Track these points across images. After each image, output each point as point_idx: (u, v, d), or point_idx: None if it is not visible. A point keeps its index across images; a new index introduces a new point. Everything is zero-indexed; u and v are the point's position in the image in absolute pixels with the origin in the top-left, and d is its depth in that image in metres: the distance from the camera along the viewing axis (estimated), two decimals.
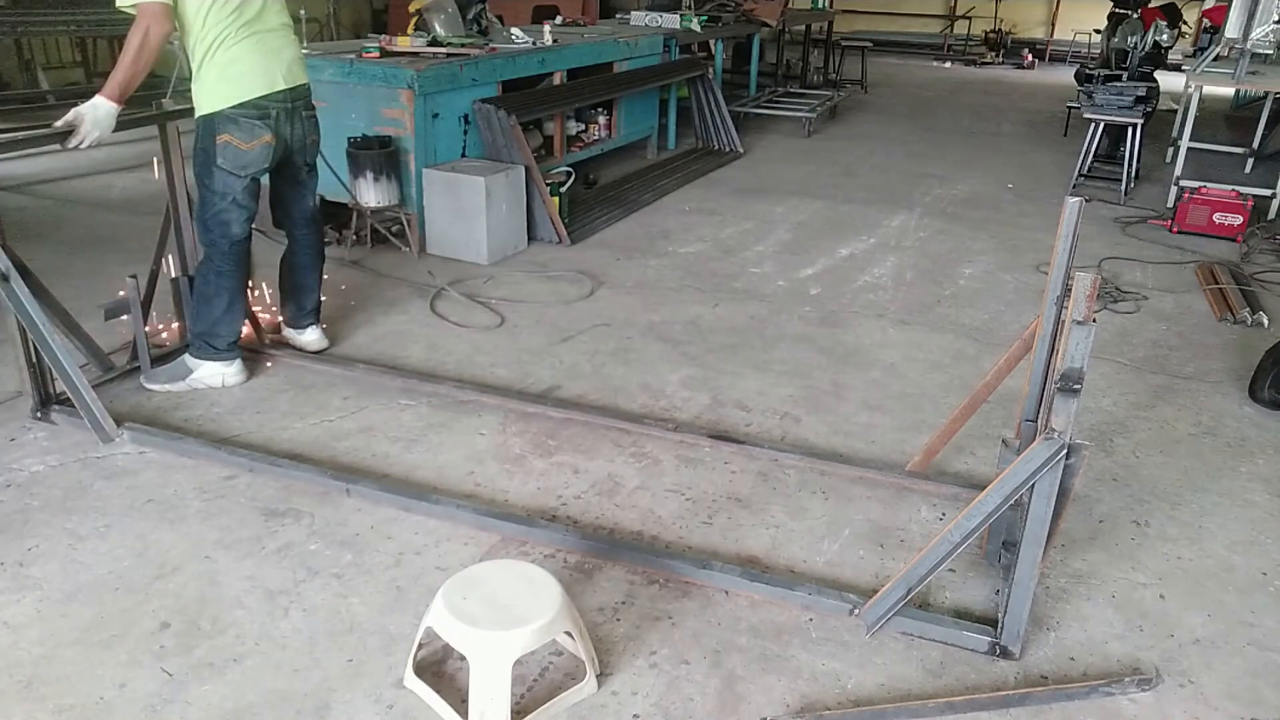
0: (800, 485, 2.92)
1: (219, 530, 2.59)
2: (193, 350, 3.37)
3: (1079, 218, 2.23)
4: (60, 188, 6.00)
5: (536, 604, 1.94)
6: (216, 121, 3.10)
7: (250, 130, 3.12)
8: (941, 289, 4.73)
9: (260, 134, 3.14)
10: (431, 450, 3.05)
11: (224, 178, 3.15)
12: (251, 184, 3.22)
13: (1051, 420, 1.97)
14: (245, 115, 3.11)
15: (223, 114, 3.09)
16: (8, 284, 2.86)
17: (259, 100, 3.11)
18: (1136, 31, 7.21)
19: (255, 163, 3.18)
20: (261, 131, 3.14)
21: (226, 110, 3.08)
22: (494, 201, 4.74)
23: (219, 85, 3.07)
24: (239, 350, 3.43)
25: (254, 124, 3.13)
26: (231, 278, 3.30)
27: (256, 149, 3.16)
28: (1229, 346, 4.08)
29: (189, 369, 3.36)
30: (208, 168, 3.15)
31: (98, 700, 2.01)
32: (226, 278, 3.29)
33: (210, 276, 3.29)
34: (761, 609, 2.36)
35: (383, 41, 5.19)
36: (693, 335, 4.04)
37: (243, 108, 3.09)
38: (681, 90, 7.78)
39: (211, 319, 3.31)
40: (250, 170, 3.18)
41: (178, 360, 3.40)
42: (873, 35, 14.29)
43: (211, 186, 3.17)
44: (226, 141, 3.11)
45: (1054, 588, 2.48)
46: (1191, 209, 5.62)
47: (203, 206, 3.23)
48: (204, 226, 3.25)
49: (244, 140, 3.13)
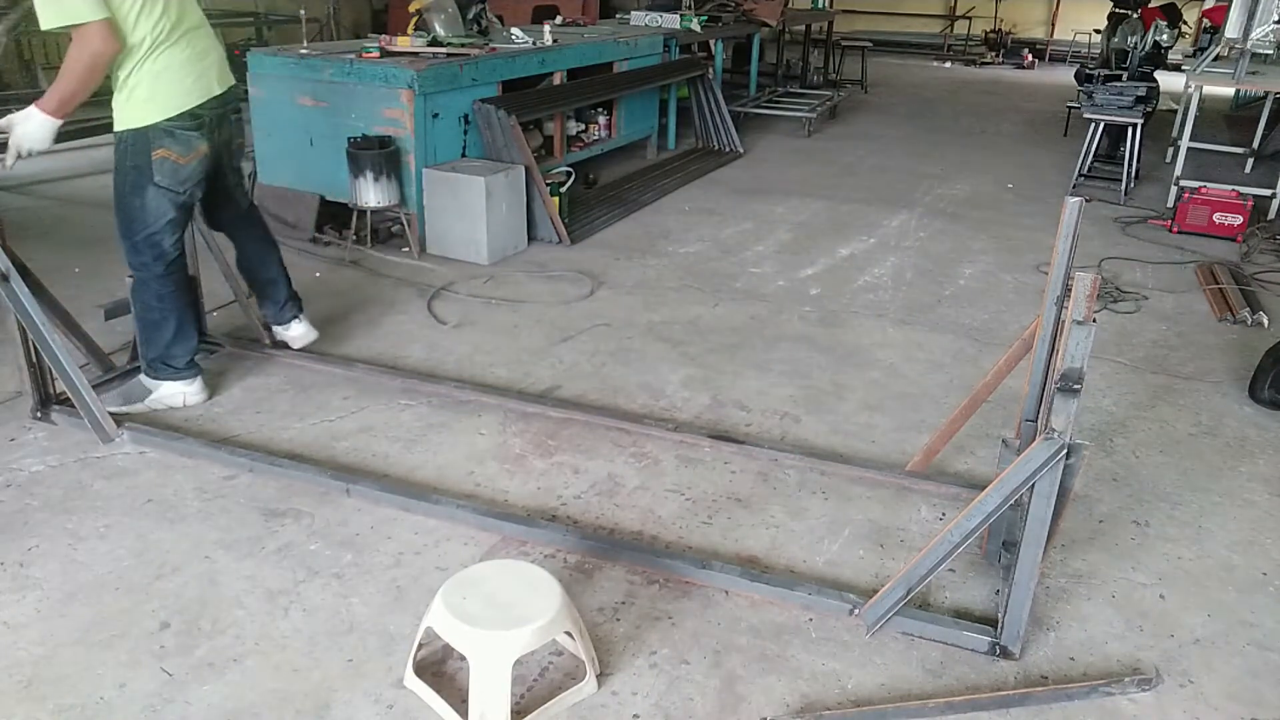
0: (800, 485, 2.92)
1: (219, 530, 2.59)
2: (148, 371, 3.19)
3: (1079, 218, 2.23)
4: (60, 188, 6.00)
5: (536, 604, 1.94)
6: (150, 136, 2.87)
7: (187, 142, 2.92)
8: (941, 289, 4.73)
9: (197, 145, 2.94)
10: (431, 450, 3.05)
11: (160, 196, 2.94)
12: (188, 200, 3.02)
13: (1051, 420, 1.97)
14: (181, 127, 2.90)
15: (157, 127, 2.87)
16: (8, 284, 2.86)
17: (195, 109, 2.92)
18: (1136, 31, 7.21)
19: (194, 176, 2.98)
20: (198, 142, 2.94)
21: (161, 123, 2.87)
22: (494, 201, 4.74)
23: (152, 96, 2.85)
24: (198, 367, 3.26)
25: (190, 135, 2.92)
26: (174, 299, 3.11)
27: (194, 162, 2.95)
28: (1229, 346, 4.08)
29: (146, 390, 3.20)
30: (140, 187, 2.92)
31: (98, 700, 2.01)
32: (169, 300, 3.10)
33: (151, 302, 3.09)
34: (761, 609, 2.36)
35: (383, 41, 5.19)
36: (693, 335, 4.04)
37: (179, 119, 2.89)
38: (681, 90, 7.78)
39: (163, 344, 3.14)
40: (189, 184, 2.98)
41: (133, 381, 3.24)
42: (873, 35, 14.27)
43: (144, 206, 2.95)
44: (164, 157, 2.89)
45: (1054, 588, 2.49)
46: (1191, 209, 5.62)
47: (130, 228, 2.99)
48: (134, 250, 3.02)
49: (182, 154, 2.91)
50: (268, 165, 5.22)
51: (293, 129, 5.04)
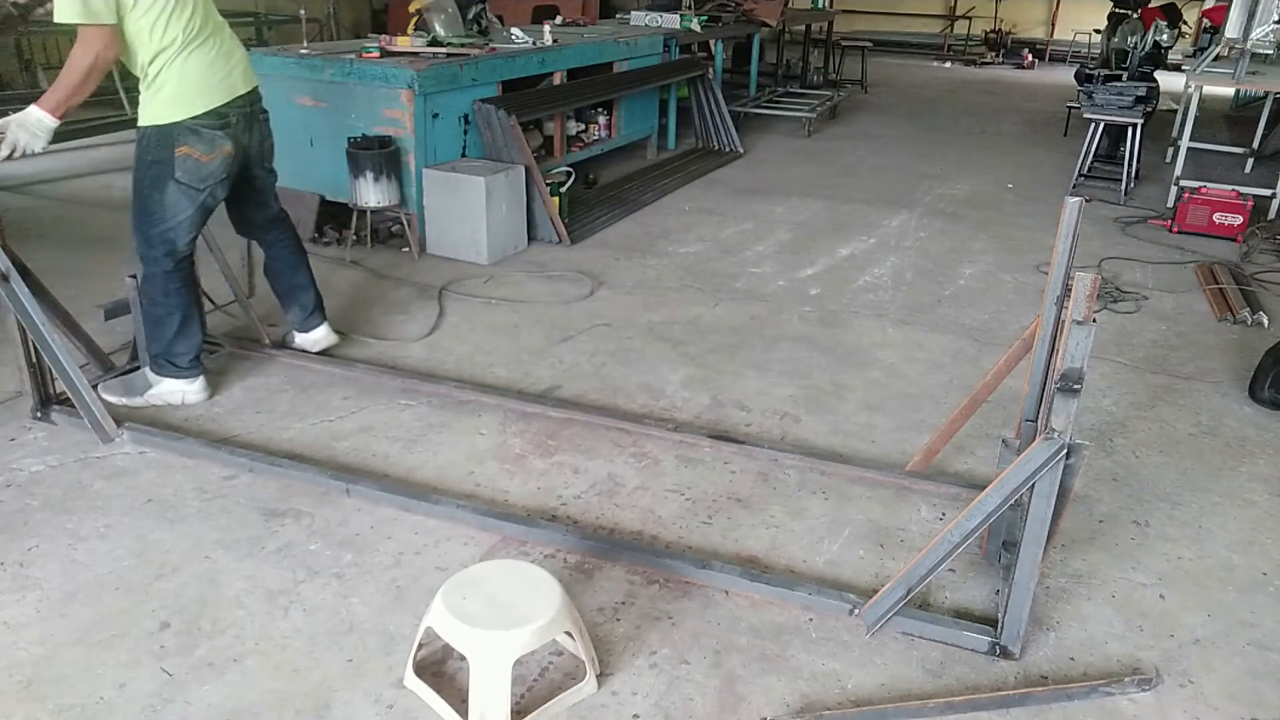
0: (800, 485, 2.92)
1: (219, 530, 2.59)
2: (152, 366, 3.22)
3: (1079, 218, 2.23)
4: (60, 188, 6.00)
5: (536, 604, 1.94)
6: (175, 133, 2.92)
7: (211, 141, 2.96)
8: (941, 289, 4.73)
9: (221, 144, 2.99)
10: (431, 450, 3.05)
11: (180, 193, 2.98)
12: (209, 199, 3.06)
13: (1051, 420, 1.97)
14: (206, 125, 2.95)
15: (182, 125, 2.92)
16: (8, 284, 2.86)
17: (220, 108, 2.97)
18: (1136, 31, 7.21)
19: (215, 175, 3.02)
20: (222, 142, 2.99)
21: (186, 121, 2.92)
22: (494, 201, 4.74)
23: (179, 94, 2.90)
24: (201, 366, 3.27)
25: (215, 134, 2.97)
26: (180, 295, 3.14)
27: (217, 160, 3.00)
28: (1229, 346, 4.08)
29: (148, 384, 3.22)
30: (161, 182, 2.97)
31: (98, 700, 2.01)
32: (175, 297, 3.13)
33: (157, 298, 3.12)
34: (761, 609, 2.36)
35: (383, 41, 5.19)
36: (693, 335, 4.04)
37: (204, 117, 2.94)
38: (681, 90, 7.78)
39: (166, 340, 3.16)
40: (209, 183, 3.01)
41: (137, 373, 3.26)
42: (873, 35, 14.27)
43: (163, 202, 2.99)
44: (186, 154, 2.94)
45: (1054, 588, 2.49)
46: (1191, 209, 5.62)
47: (147, 221, 3.03)
48: (146, 242, 3.05)
49: (205, 152, 2.96)
50: None
51: (293, 129, 5.03)
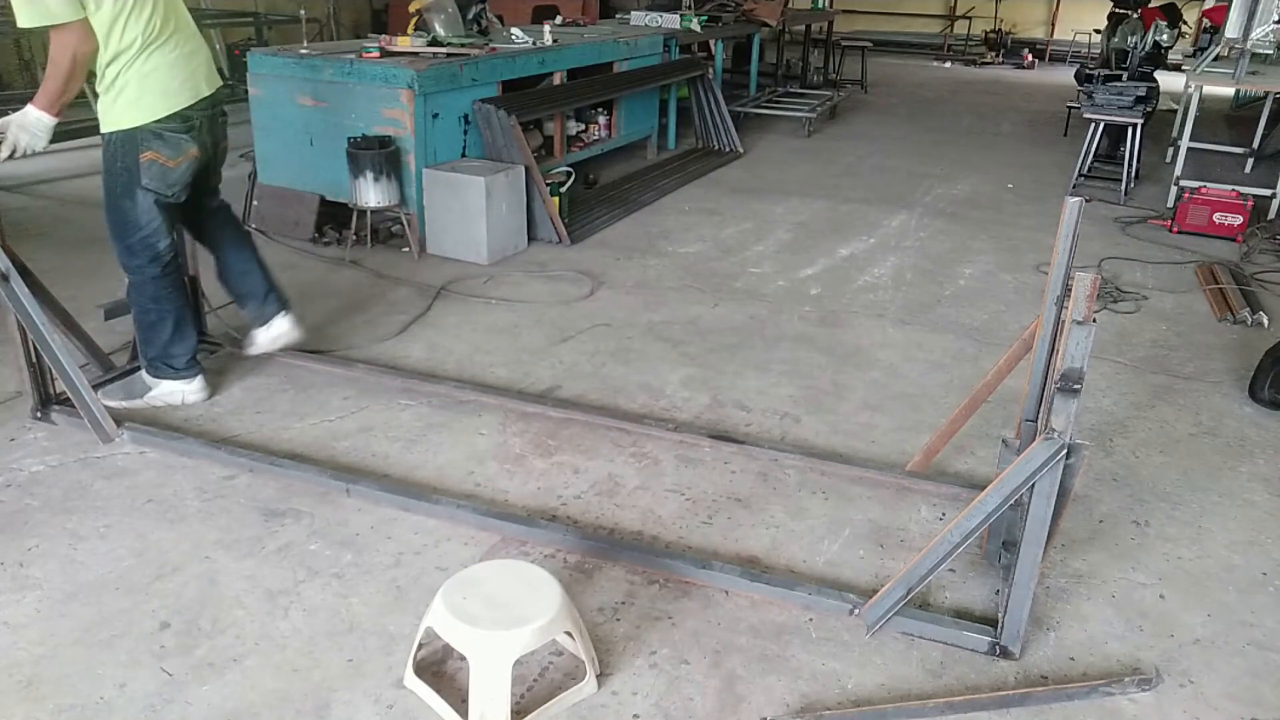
0: (800, 485, 2.92)
1: (219, 530, 2.59)
2: (149, 370, 3.20)
3: (1079, 218, 2.23)
4: (60, 188, 6.00)
5: (536, 604, 1.94)
6: (139, 138, 2.85)
7: (176, 145, 2.89)
8: (941, 289, 4.73)
9: (186, 148, 2.92)
10: (431, 450, 3.05)
11: (149, 200, 2.93)
12: (175, 203, 3.00)
13: (1051, 420, 1.97)
14: (170, 129, 2.87)
15: (145, 129, 2.85)
16: (8, 284, 2.86)
17: (184, 111, 2.89)
18: (1136, 31, 7.21)
19: (182, 179, 2.96)
20: (188, 145, 2.92)
21: (150, 125, 2.85)
22: (494, 201, 4.74)
23: (141, 98, 2.83)
24: (198, 365, 3.25)
25: (180, 138, 2.90)
26: (171, 299, 3.10)
27: (183, 164, 2.93)
28: (1229, 346, 4.08)
29: (146, 386, 3.21)
30: (129, 189, 2.91)
31: (98, 700, 2.01)
32: (165, 301, 3.09)
33: (147, 305, 3.09)
34: (761, 609, 2.36)
35: (383, 41, 5.19)
36: (693, 335, 4.04)
37: (168, 120, 2.87)
38: (681, 90, 7.78)
39: (161, 344, 3.14)
40: (177, 188, 2.96)
41: (135, 376, 3.24)
42: (873, 35, 14.27)
43: (135, 210, 2.94)
44: (151, 159, 2.88)
45: (1054, 588, 2.49)
46: (1191, 209, 5.62)
47: (124, 231, 2.98)
48: (128, 252, 3.01)
49: (170, 156, 2.90)
50: (268, 165, 5.22)
51: (293, 129, 5.04)
